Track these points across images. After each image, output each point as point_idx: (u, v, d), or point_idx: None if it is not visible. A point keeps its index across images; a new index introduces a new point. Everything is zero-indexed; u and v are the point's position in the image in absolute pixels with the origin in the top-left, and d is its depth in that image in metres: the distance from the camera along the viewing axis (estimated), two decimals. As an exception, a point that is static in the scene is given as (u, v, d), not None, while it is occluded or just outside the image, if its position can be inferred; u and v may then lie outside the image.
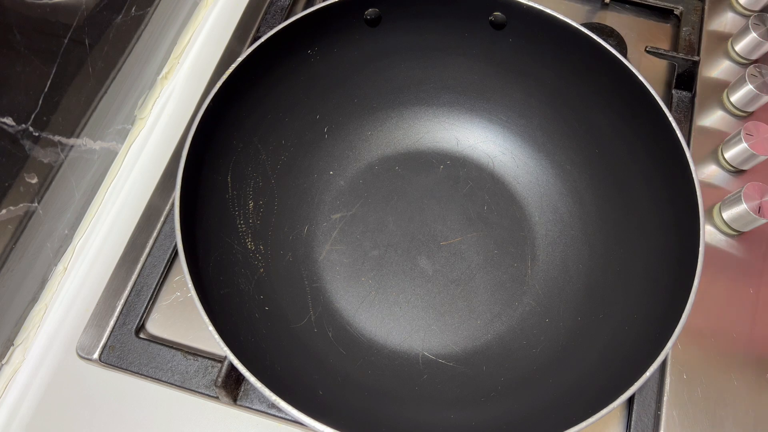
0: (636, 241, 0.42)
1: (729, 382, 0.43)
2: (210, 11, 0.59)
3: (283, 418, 0.41)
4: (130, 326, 0.44)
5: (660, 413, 0.42)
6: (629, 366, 0.34)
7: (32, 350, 0.45)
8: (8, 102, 0.37)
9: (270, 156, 0.46)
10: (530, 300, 0.45)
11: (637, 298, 0.40)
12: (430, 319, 0.45)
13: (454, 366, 0.43)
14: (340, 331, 0.44)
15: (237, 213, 0.43)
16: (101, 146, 0.48)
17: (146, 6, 0.49)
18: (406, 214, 0.49)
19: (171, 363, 0.42)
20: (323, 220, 0.48)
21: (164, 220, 0.48)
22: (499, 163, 0.50)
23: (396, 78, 0.49)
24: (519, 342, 0.43)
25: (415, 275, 0.46)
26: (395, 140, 0.51)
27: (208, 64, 0.56)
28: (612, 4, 0.60)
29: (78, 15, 0.41)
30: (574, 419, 0.32)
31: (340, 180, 0.50)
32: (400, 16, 0.45)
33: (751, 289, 0.46)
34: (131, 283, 0.45)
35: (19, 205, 0.40)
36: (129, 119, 0.52)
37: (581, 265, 0.45)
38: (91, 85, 0.45)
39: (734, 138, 0.49)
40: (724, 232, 0.48)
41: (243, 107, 0.43)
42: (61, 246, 0.47)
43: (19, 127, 0.38)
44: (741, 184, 0.47)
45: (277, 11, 0.57)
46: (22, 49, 0.37)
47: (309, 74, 0.46)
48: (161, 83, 0.55)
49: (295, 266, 0.46)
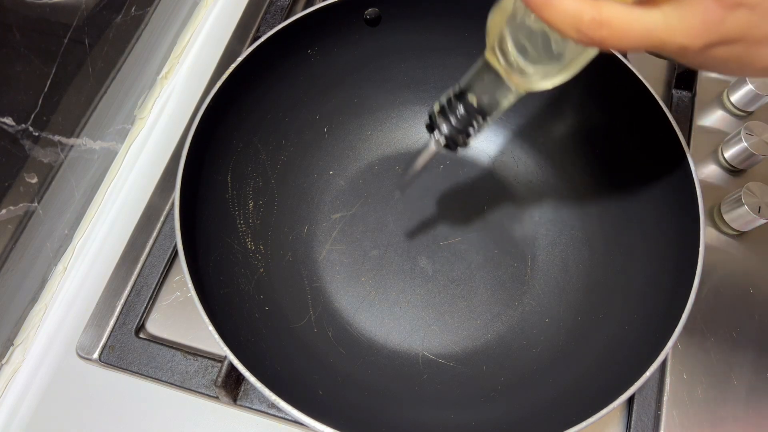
0: (636, 241, 0.42)
1: (729, 382, 0.43)
2: (210, 11, 0.59)
3: (283, 418, 0.41)
4: (130, 326, 0.44)
5: (660, 413, 0.42)
6: (629, 366, 0.34)
7: (32, 350, 0.45)
8: (8, 102, 0.37)
9: (270, 156, 0.46)
10: (530, 300, 0.45)
11: (637, 298, 0.40)
12: (430, 319, 0.45)
13: (454, 366, 0.43)
14: (340, 331, 0.44)
15: (237, 213, 0.43)
16: (101, 146, 0.48)
17: (146, 6, 0.49)
18: (406, 214, 0.49)
19: (171, 363, 0.42)
20: (323, 220, 0.48)
21: (164, 219, 0.48)
22: (499, 163, 0.50)
23: (396, 78, 0.49)
24: (519, 342, 0.43)
25: (415, 275, 0.46)
26: (395, 140, 0.51)
27: (208, 64, 0.56)
28: (612, 4, 0.60)
29: (78, 15, 0.41)
30: (574, 419, 0.32)
31: (340, 180, 0.50)
32: (400, 16, 0.45)
33: (751, 289, 0.46)
34: (131, 283, 0.45)
35: (19, 205, 0.40)
36: (129, 119, 0.52)
37: (581, 265, 0.45)
38: (91, 85, 0.45)
39: (734, 138, 0.49)
40: (724, 232, 0.48)
41: (243, 107, 0.43)
42: (61, 246, 0.47)
43: (19, 126, 0.38)
44: (741, 184, 0.47)
45: (277, 11, 0.57)
46: (22, 49, 0.37)
47: (309, 74, 0.46)
48: (161, 83, 0.55)
49: (295, 266, 0.46)
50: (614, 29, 0.22)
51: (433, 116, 0.33)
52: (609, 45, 0.23)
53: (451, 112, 0.32)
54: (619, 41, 0.23)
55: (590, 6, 0.22)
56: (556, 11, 0.23)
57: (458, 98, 0.32)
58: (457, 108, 0.32)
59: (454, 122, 0.32)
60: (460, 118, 0.32)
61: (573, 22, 0.22)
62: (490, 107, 0.31)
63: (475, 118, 0.32)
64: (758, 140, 0.48)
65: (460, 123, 0.32)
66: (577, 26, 0.23)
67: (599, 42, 0.23)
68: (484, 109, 0.31)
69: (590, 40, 0.23)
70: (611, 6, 0.22)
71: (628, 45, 0.23)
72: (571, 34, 0.23)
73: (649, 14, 0.23)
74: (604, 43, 0.23)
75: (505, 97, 0.31)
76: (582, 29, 0.23)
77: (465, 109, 0.32)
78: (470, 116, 0.32)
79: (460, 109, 0.32)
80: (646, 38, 0.23)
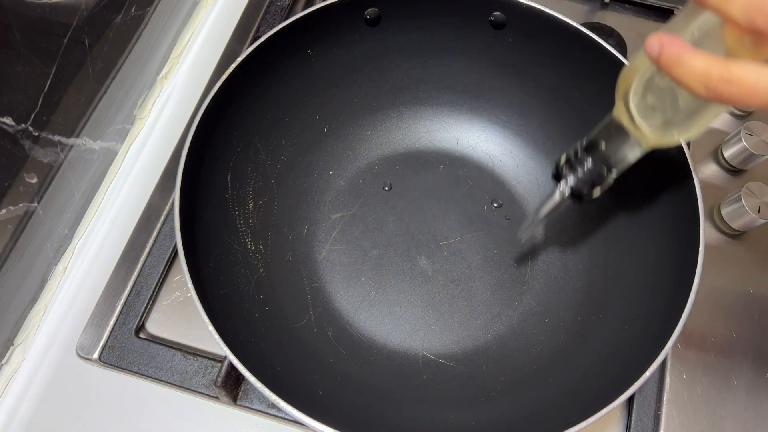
0: (636, 240, 0.42)
1: (729, 382, 0.43)
2: (210, 11, 0.59)
3: (283, 418, 0.41)
4: (129, 326, 0.44)
5: (660, 413, 0.42)
6: (629, 366, 0.34)
7: (32, 350, 0.45)
8: (8, 102, 0.37)
9: (270, 156, 0.46)
10: (530, 300, 0.45)
11: (637, 298, 0.40)
12: (430, 319, 0.44)
13: (454, 366, 0.43)
14: (340, 331, 0.44)
15: (237, 213, 0.43)
16: (101, 146, 0.48)
17: (146, 6, 0.49)
18: (406, 214, 0.49)
19: (171, 363, 0.42)
20: (323, 220, 0.48)
21: (164, 219, 0.48)
22: (499, 163, 0.50)
23: (396, 78, 0.49)
24: (519, 342, 0.43)
25: (415, 275, 0.46)
26: (395, 140, 0.51)
27: (207, 64, 0.56)
28: (612, 4, 0.60)
29: (77, 15, 0.41)
30: (574, 419, 0.32)
31: (340, 180, 0.50)
32: (400, 16, 0.45)
33: (751, 289, 0.46)
34: (131, 283, 0.45)
35: (19, 205, 0.40)
36: (129, 119, 0.52)
37: (581, 265, 0.45)
38: (91, 84, 0.45)
39: (734, 138, 0.49)
40: (724, 232, 0.48)
41: (243, 107, 0.43)
42: (60, 246, 0.47)
43: (18, 126, 0.38)
44: (741, 184, 0.47)
45: (277, 11, 0.57)
46: (22, 49, 0.37)
47: (309, 74, 0.46)
48: (161, 83, 0.55)
49: (295, 266, 0.46)
50: (742, 87, 0.23)
51: (560, 167, 0.35)
52: (737, 102, 0.24)
53: (578, 164, 0.34)
54: (747, 98, 0.23)
55: (719, 64, 0.23)
56: (685, 70, 0.24)
57: (586, 151, 0.34)
58: (585, 161, 0.34)
59: (581, 175, 0.34)
60: (588, 171, 0.34)
61: (702, 80, 0.23)
62: (616, 161, 0.33)
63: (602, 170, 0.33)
64: (758, 140, 0.48)
65: (587, 175, 0.34)
66: (706, 83, 0.23)
67: (728, 99, 0.24)
68: (611, 163, 0.33)
69: (719, 97, 0.24)
70: (740, 65, 0.23)
71: (757, 102, 0.24)
72: (700, 91, 0.24)
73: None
74: (732, 100, 0.24)
75: (632, 152, 0.32)
76: (711, 86, 0.23)
77: (593, 162, 0.33)
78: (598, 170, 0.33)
79: (588, 163, 0.34)
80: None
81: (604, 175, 0.34)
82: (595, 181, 0.34)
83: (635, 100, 0.30)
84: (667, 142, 0.30)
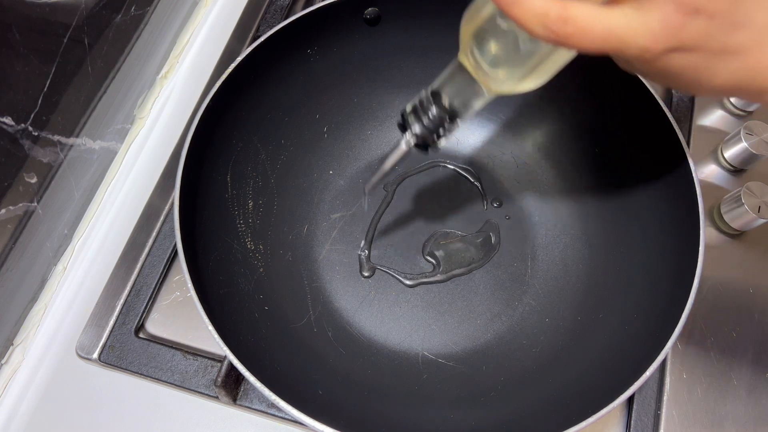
0: (636, 240, 0.42)
1: (729, 382, 0.43)
2: (209, 11, 0.59)
3: (283, 417, 0.41)
4: (129, 326, 0.44)
5: (660, 413, 0.42)
6: (629, 366, 0.34)
7: (32, 350, 0.45)
8: (8, 101, 0.37)
9: (270, 156, 0.46)
10: (530, 299, 0.45)
11: (637, 298, 0.40)
12: (430, 319, 0.44)
13: (454, 366, 0.43)
14: (340, 330, 0.44)
15: (236, 212, 0.43)
16: (101, 146, 0.48)
17: (145, 5, 0.49)
18: (405, 214, 0.49)
19: (171, 363, 0.42)
20: (323, 220, 0.48)
21: (164, 219, 0.48)
22: (499, 163, 0.50)
23: (396, 78, 0.49)
24: (519, 341, 0.43)
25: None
26: (395, 140, 0.51)
27: (207, 63, 0.56)
28: (612, 4, 0.60)
29: (77, 14, 0.41)
30: (574, 419, 0.32)
31: (340, 180, 0.50)
32: (400, 16, 0.45)
33: (751, 289, 0.46)
34: (131, 282, 0.45)
35: (19, 205, 0.40)
36: (128, 119, 0.52)
37: (581, 265, 0.45)
38: (91, 84, 0.45)
39: (734, 137, 0.49)
40: (724, 232, 0.48)
41: (243, 107, 0.43)
42: (60, 246, 0.47)
43: (18, 126, 0.38)
44: (741, 184, 0.47)
45: (277, 11, 0.57)
46: (22, 49, 0.37)
47: (309, 74, 0.46)
48: (161, 83, 0.55)
49: (295, 266, 0.46)
50: (578, 26, 0.23)
51: (406, 116, 0.33)
52: (574, 43, 0.24)
53: (423, 112, 0.32)
54: (583, 38, 0.23)
55: (557, 4, 0.23)
56: (523, 8, 0.23)
57: (431, 99, 0.32)
58: (429, 109, 0.32)
59: (426, 122, 0.32)
60: (432, 118, 0.32)
61: (539, 18, 0.23)
62: (461, 109, 0.32)
63: (446, 119, 0.32)
64: (758, 140, 0.48)
65: (432, 123, 0.32)
66: (543, 22, 0.23)
67: (564, 39, 0.23)
68: (456, 110, 0.32)
69: (556, 37, 0.23)
70: (577, 5, 0.23)
71: (592, 43, 0.24)
72: (537, 30, 0.24)
73: (613, 13, 0.24)
74: (569, 41, 0.24)
75: (477, 100, 0.31)
76: (548, 25, 0.23)
77: (437, 109, 0.32)
78: (442, 117, 0.32)
79: (433, 110, 0.32)
80: (608, 37, 0.24)
81: (449, 124, 0.32)
82: (441, 130, 0.33)
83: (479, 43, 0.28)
84: (511, 90, 0.29)
